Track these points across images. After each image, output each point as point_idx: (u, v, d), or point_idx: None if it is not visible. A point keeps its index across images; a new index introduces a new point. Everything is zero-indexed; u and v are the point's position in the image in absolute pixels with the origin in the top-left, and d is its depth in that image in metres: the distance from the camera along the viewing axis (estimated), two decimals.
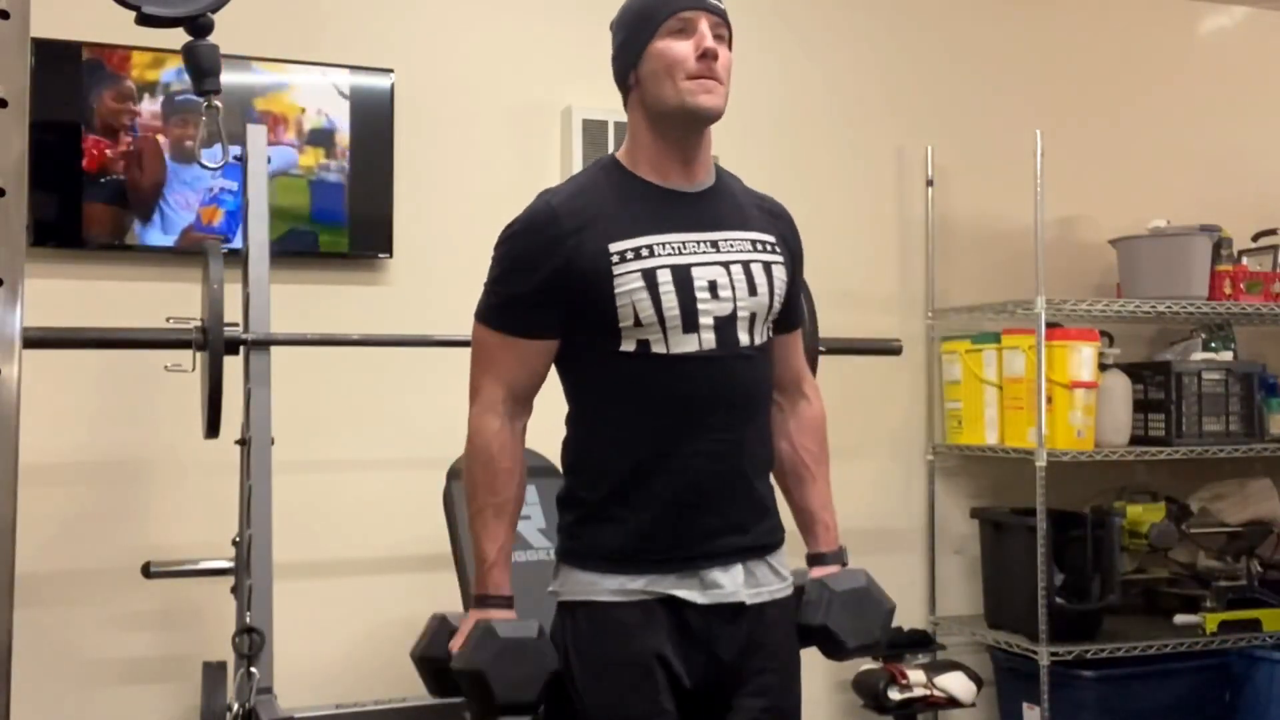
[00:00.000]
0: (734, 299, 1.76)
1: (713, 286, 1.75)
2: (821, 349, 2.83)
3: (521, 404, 1.81)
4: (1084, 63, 4.12)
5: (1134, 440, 3.73)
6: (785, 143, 3.70)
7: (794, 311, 1.93)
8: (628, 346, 1.74)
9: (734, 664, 1.77)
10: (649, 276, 1.71)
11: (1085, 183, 4.01)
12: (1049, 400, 3.47)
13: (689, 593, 1.74)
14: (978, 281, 3.88)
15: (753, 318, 1.78)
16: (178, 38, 1.95)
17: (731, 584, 1.76)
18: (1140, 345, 4.08)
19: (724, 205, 1.83)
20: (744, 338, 1.77)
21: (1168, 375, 3.72)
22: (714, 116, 1.78)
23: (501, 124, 3.45)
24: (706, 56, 1.73)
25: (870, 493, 3.80)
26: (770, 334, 1.85)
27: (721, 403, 1.76)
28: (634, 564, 1.74)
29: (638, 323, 1.72)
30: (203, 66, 1.96)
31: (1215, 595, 3.69)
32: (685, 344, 1.73)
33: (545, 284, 1.74)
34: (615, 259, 1.72)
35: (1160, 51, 4.27)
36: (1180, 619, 3.66)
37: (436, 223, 3.35)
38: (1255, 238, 4.00)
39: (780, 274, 1.83)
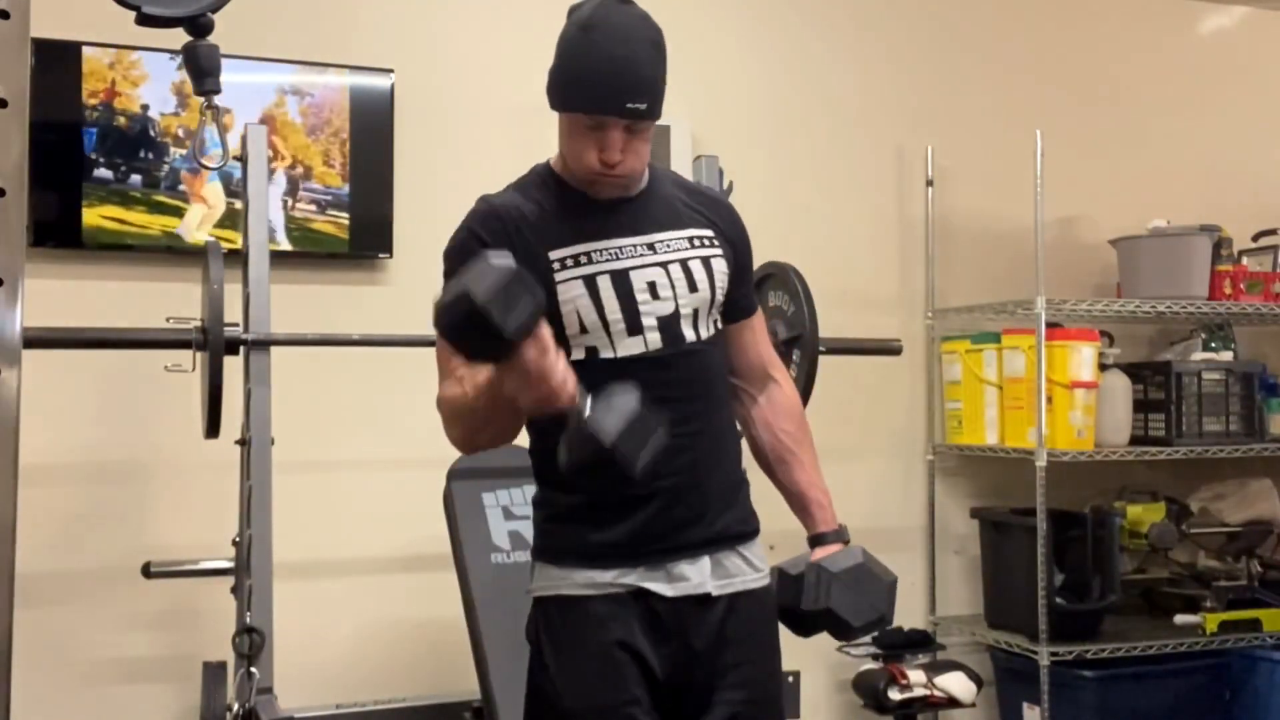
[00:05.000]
0: (675, 297, 1.78)
1: (652, 287, 1.77)
2: (821, 349, 2.83)
3: None
4: (1084, 63, 4.12)
5: (1134, 440, 3.73)
6: (785, 143, 3.70)
7: (744, 299, 1.93)
8: (578, 354, 1.75)
9: (707, 654, 1.78)
10: (590, 283, 1.75)
11: (1085, 183, 4.00)
12: (1049, 400, 3.47)
13: (656, 585, 1.76)
14: (978, 281, 3.88)
15: (696, 313, 1.81)
16: (178, 37, 1.95)
17: (698, 576, 1.78)
18: (1140, 345, 4.08)
19: (658, 206, 1.85)
20: (689, 333, 1.80)
21: (1168, 375, 3.72)
22: (621, 196, 1.80)
23: (501, 124, 3.45)
24: (608, 164, 1.74)
25: (870, 493, 3.80)
26: (718, 325, 1.87)
27: (673, 400, 1.76)
28: (601, 559, 1.77)
29: (583, 329, 1.75)
30: (203, 66, 1.97)
31: (1215, 595, 3.69)
32: (631, 346, 1.76)
33: None
34: (556, 266, 1.75)
35: (1160, 51, 4.27)
36: (1180, 619, 3.66)
37: (436, 223, 3.30)
38: (1255, 238, 4.00)
39: (720, 266, 1.84)
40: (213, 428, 2.55)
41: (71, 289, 2.99)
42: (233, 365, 2.55)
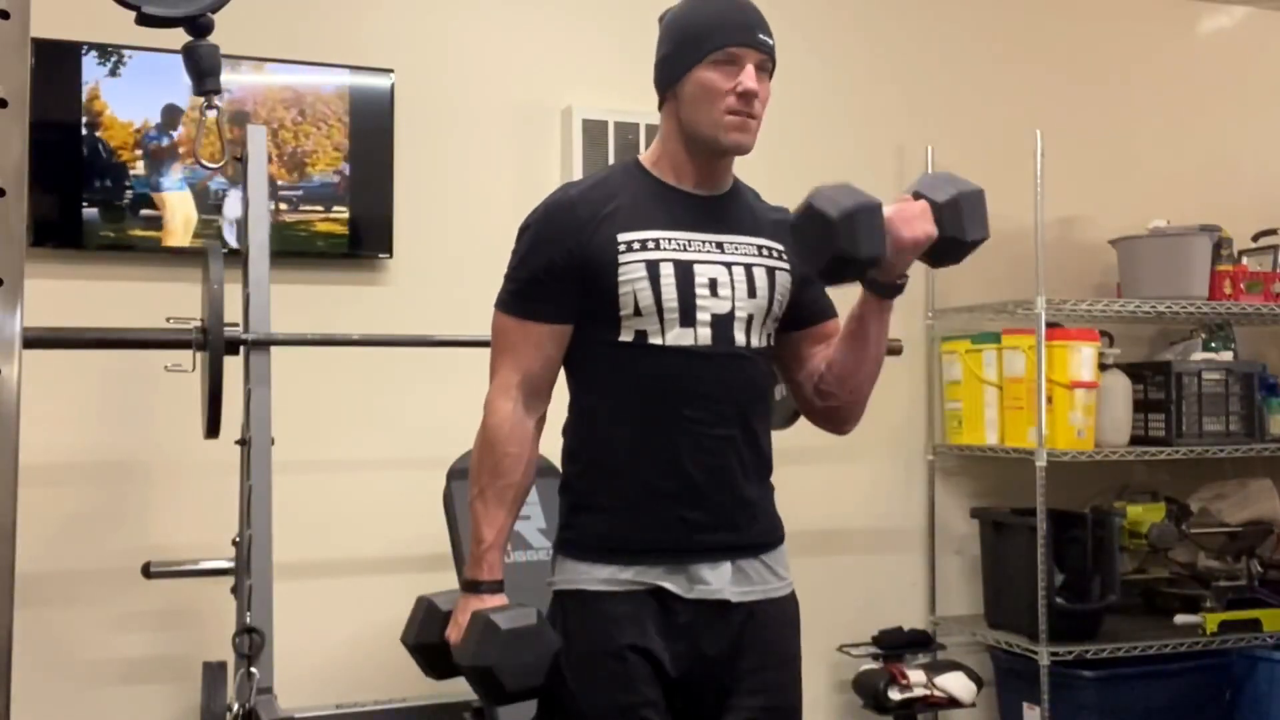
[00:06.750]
0: (732, 299, 1.81)
1: (713, 284, 1.80)
2: None
3: (537, 393, 1.84)
4: (1084, 63, 4.12)
5: (1134, 440, 3.73)
6: (785, 142, 3.68)
7: (819, 306, 1.96)
8: (626, 336, 1.78)
9: (723, 660, 1.79)
10: (652, 268, 1.77)
11: (1085, 183, 4.01)
12: (1049, 400, 3.47)
13: (675, 586, 1.77)
14: (978, 281, 3.86)
15: (750, 319, 1.83)
16: (178, 37, 1.95)
17: (717, 581, 1.79)
18: (1140, 345, 4.08)
19: (735, 210, 1.89)
20: (740, 337, 1.82)
21: (1168, 375, 3.72)
22: (743, 152, 1.86)
23: (501, 124, 3.45)
24: (747, 96, 1.78)
25: (870, 493, 3.80)
26: (771, 340, 1.88)
27: (713, 400, 1.79)
28: (623, 554, 1.78)
29: (637, 311, 1.77)
30: (203, 66, 1.96)
31: (1215, 595, 3.69)
32: (681, 338, 1.78)
33: (558, 269, 1.79)
34: (622, 248, 1.77)
35: (1160, 51, 4.27)
36: (1180, 619, 3.66)
37: (436, 223, 3.35)
38: (1255, 238, 4.00)
39: (783, 280, 1.88)
40: (213, 428, 2.55)
41: (71, 289, 2.99)
42: (233, 365, 2.55)
